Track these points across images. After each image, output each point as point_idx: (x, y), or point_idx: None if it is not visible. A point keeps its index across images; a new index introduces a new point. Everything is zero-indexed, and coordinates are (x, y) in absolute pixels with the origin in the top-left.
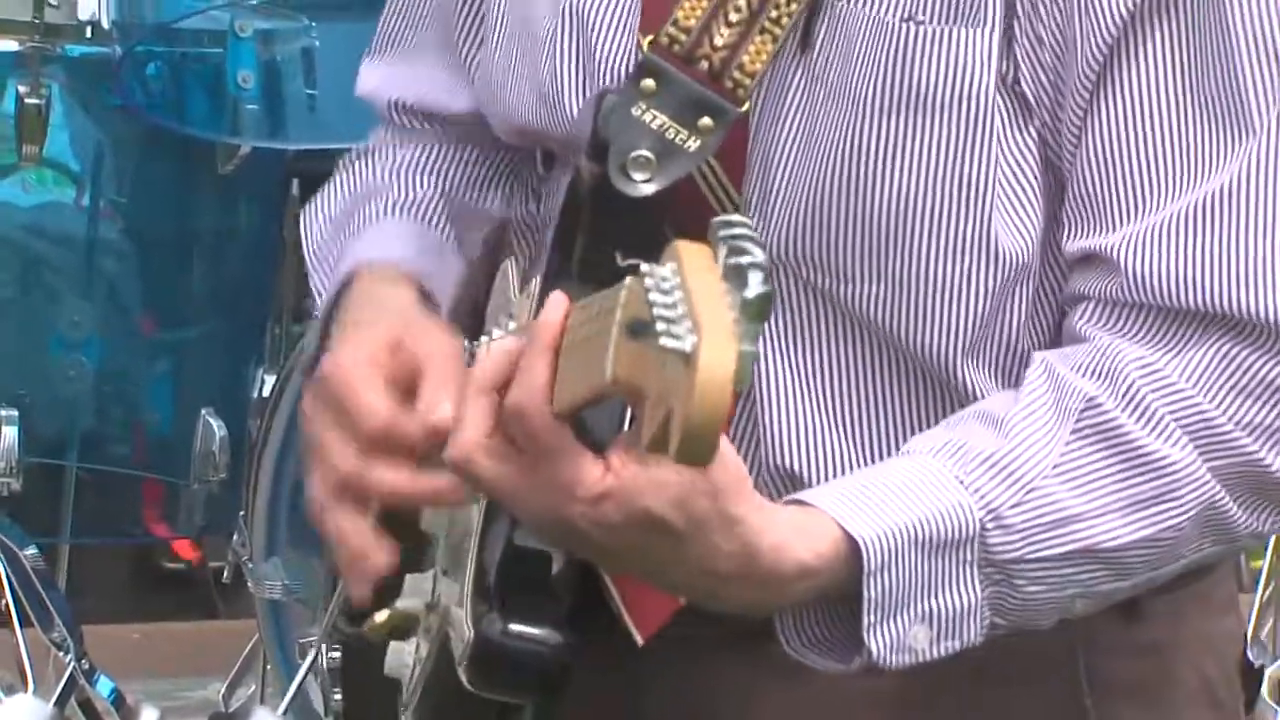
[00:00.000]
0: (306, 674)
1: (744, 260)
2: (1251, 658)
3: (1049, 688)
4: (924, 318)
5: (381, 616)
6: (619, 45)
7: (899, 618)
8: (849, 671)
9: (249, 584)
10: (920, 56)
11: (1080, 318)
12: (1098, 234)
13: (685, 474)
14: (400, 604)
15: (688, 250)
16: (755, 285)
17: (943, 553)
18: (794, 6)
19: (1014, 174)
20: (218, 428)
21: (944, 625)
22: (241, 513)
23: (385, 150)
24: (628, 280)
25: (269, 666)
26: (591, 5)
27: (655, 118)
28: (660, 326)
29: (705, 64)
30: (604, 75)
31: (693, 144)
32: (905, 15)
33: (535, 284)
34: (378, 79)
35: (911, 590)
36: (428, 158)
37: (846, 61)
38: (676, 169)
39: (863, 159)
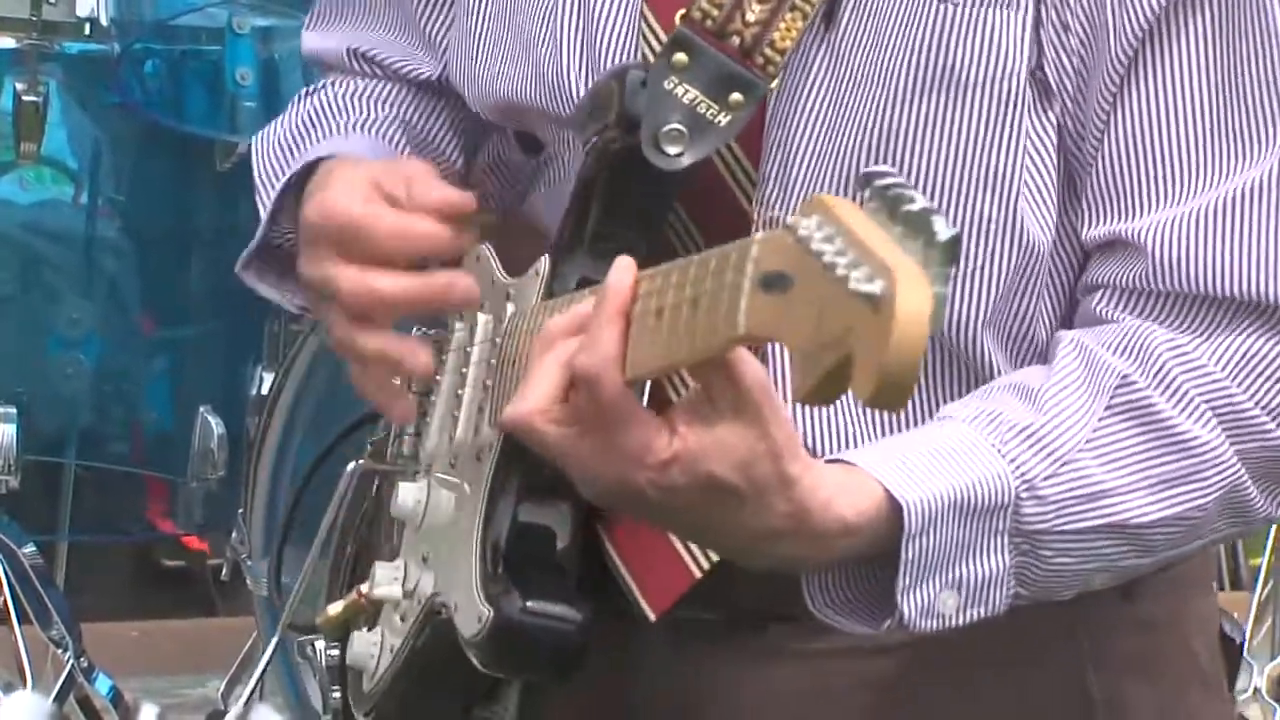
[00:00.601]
0: (266, 669)
1: (916, 206)
2: (1228, 631)
3: (1049, 667)
4: (947, 298)
5: (335, 609)
6: (623, 22)
7: (931, 582)
8: (876, 632)
9: (247, 581)
10: (955, 38)
11: (1102, 302)
12: (1124, 220)
13: (749, 436)
14: (378, 592)
15: (835, 203)
16: (943, 228)
17: (977, 520)
18: None
19: (1035, 158)
20: (216, 425)
21: (971, 592)
22: (240, 510)
23: (340, 80)
24: (757, 235)
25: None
26: None
27: (687, 91)
28: (840, 273)
29: (737, 39)
30: (607, 52)
31: (723, 119)
32: None
33: (543, 262)
34: (328, 38)
35: (945, 555)
36: (386, 91)
37: (876, 41)
38: (706, 144)
39: (893, 139)
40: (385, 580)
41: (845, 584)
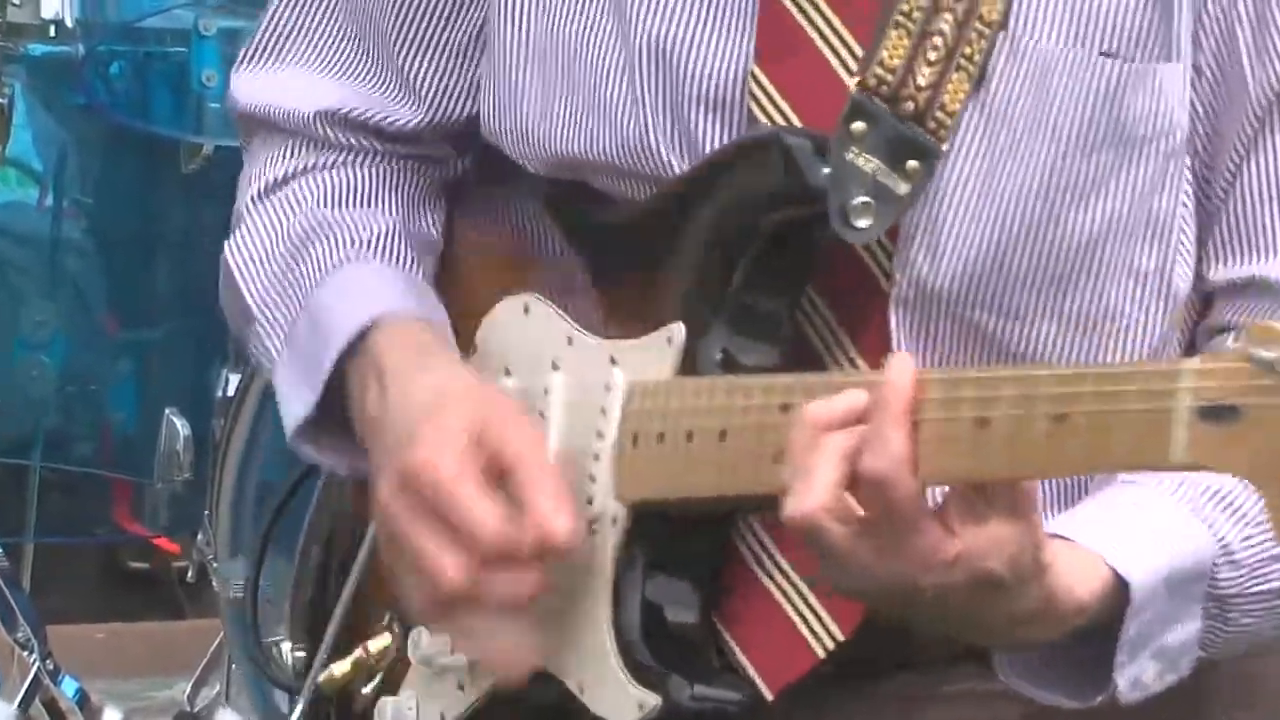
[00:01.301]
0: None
1: None
2: None
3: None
4: (1094, 357)
5: (342, 668)
6: (727, 82)
7: (1143, 654)
8: (1080, 705)
9: (213, 583)
10: (1126, 92)
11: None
12: (1261, 261)
13: (1018, 531)
14: (443, 660)
15: None
16: None
17: (1183, 589)
18: (983, 43)
19: (1183, 208)
20: (182, 427)
21: (1169, 660)
22: (206, 512)
23: (317, 178)
24: (1185, 363)
25: (233, 666)
26: (685, 39)
27: (869, 161)
28: None
29: (910, 105)
30: (704, 113)
31: (903, 188)
32: (1103, 50)
33: (677, 332)
34: (280, 91)
35: (1154, 627)
36: (372, 183)
37: (1039, 98)
38: (890, 214)
39: (1057, 197)
40: (431, 643)
41: (1043, 661)
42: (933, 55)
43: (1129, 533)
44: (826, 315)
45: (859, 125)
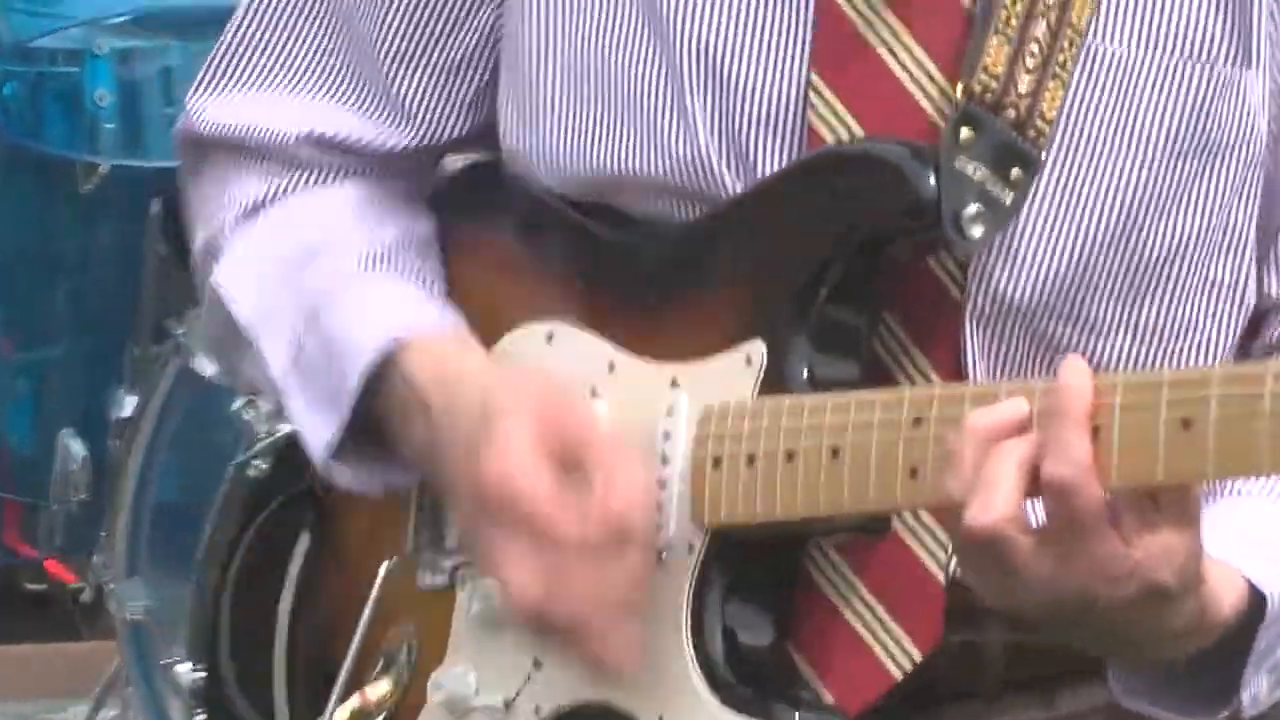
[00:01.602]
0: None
1: None
2: None
3: None
4: (1167, 368)
5: (343, 714)
6: (783, 92)
7: (1263, 667)
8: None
9: (110, 605)
10: (1214, 99)
11: None
12: None
13: (1187, 539)
14: (481, 700)
15: None
16: None
17: None
18: (1074, 50)
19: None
20: (78, 448)
21: (1277, 675)
22: (103, 533)
23: (305, 196)
24: None
25: (130, 688)
26: (736, 50)
27: (977, 169)
28: None
29: (1013, 112)
30: (760, 126)
31: (1008, 196)
32: (1188, 57)
33: (758, 350)
34: (256, 111)
35: (1276, 640)
36: (365, 197)
37: (1124, 105)
38: (997, 223)
39: (1141, 205)
40: (457, 685)
41: (1166, 679)
42: (1030, 62)
43: (1252, 545)
44: (896, 330)
45: (967, 133)
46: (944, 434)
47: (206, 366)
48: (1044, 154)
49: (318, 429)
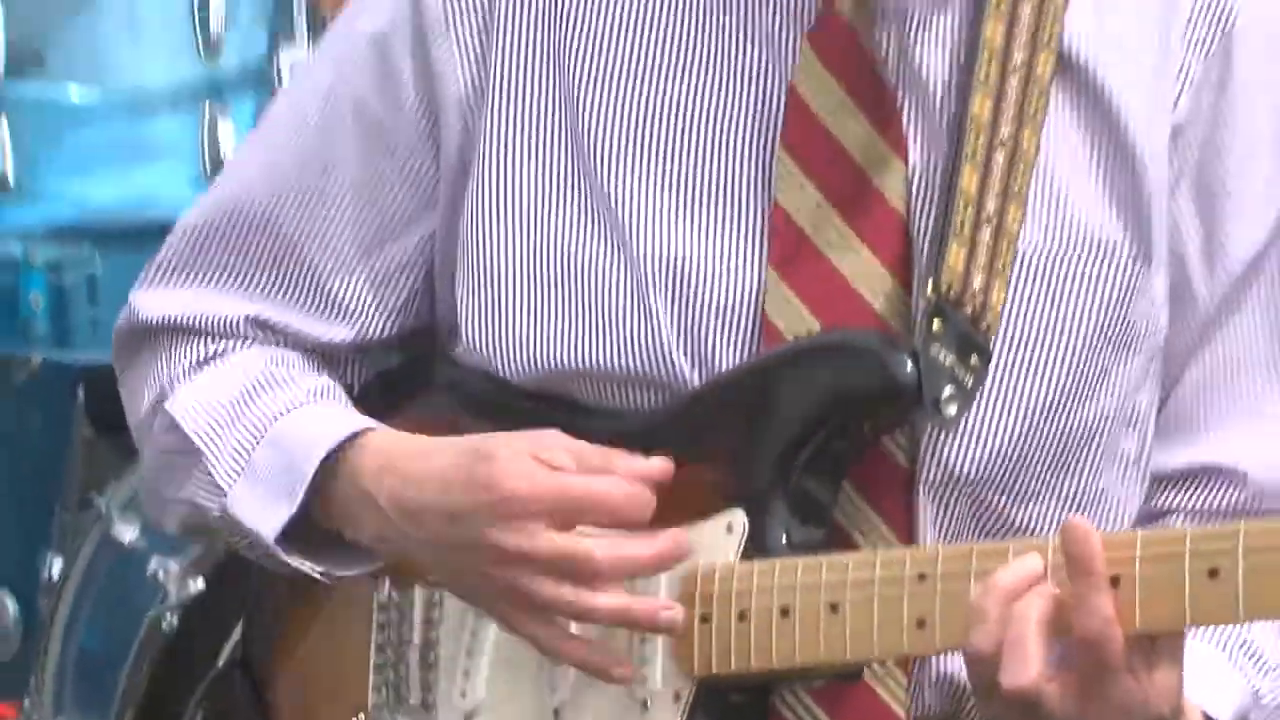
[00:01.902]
0: None
1: None
2: None
3: None
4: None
5: None
6: (741, 293)
7: None
8: None
9: None
10: (1127, 297)
11: (1182, 523)
12: (1214, 452)
13: (1176, 676)
14: None
15: None
16: None
17: None
18: (1009, 253)
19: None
20: (11, 605)
21: None
22: (31, 678)
23: (252, 349)
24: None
25: None
26: (695, 258)
27: (947, 356)
28: None
29: (970, 307)
30: (719, 325)
31: (969, 380)
32: (1100, 258)
33: (739, 520)
34: (198, 299)
35: None
36: (304, 359)
37: (1053, 301)
38: (963, 405)
39: (1073, 388)
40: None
41: None
42: (980, 263)
43: (1206, 680)
44: (855, 498)
45: (938, 324)
46: (953, 588)
47: (125, 533)
48: (992, 343)
49: (268, 521)
